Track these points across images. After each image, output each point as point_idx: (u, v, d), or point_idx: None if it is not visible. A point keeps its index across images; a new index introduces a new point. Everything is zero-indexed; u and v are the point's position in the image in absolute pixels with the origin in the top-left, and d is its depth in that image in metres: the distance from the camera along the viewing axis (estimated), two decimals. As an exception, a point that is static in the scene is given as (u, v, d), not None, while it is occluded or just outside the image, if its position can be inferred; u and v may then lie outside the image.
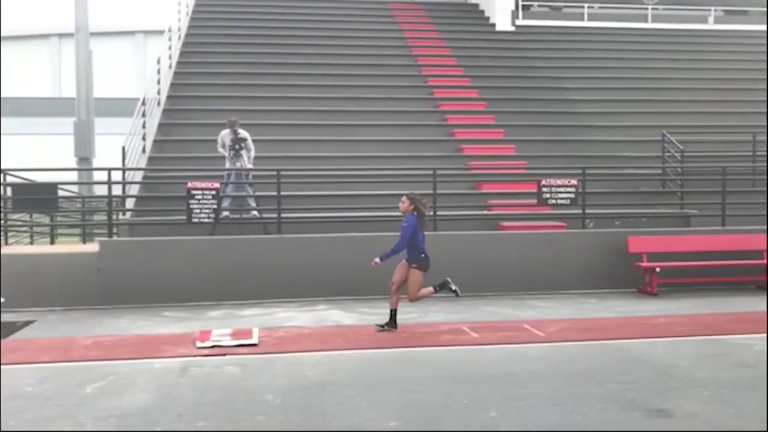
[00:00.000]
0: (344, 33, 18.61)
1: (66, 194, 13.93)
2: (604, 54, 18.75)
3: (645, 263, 10.84)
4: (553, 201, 11.33)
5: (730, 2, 21.40)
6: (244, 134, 11.54)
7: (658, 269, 10.68)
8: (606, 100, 16.49)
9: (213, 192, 10.53)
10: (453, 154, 13.95)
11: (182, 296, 10.11)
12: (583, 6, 20.60)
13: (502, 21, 19.92)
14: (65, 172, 17.74)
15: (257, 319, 8.93)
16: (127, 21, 38.18)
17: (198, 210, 10.47)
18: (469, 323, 8.48)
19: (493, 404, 5.40)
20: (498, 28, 19.84)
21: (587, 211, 11.63)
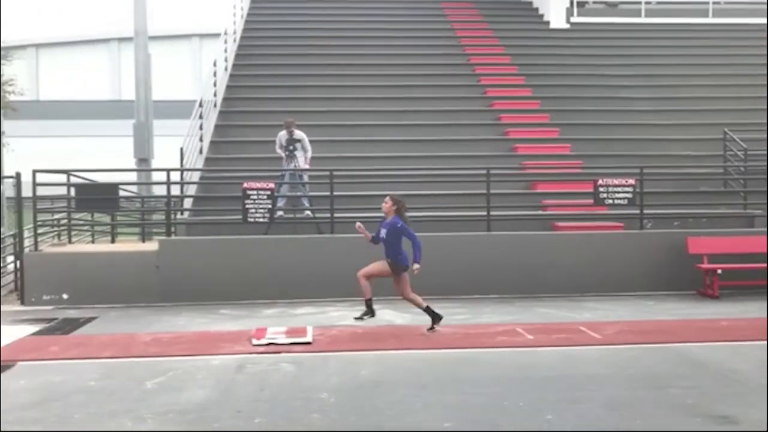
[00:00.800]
0: (397, 33, 18.63)
1: (126, 194, 14.29)
2: (662, 50, 18.28)
3: (706, 265, 10.53)
4: (610, 201, 11.10)
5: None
6: (300, 135, 11.64)
7: (720, 271, 10.36)
8: (664, 98, 16.08)
9: (268, 192, 10.66)
10: (507, 154, 13.81)
11: (238, 294, 10.26)
12: (641, 1, 20.13)
13: (557, 18, 19.64)
14: (125, 173, 18.21)
15: (311, 318, 9.00)
16: (183, 25, 39.04)
17: (253, 210, 10.62)
18: (524, 325, 8.38)
19: (550, 407, 5.33)
20: (552, 26, 19.57)
21: (645, 212, 11.36)
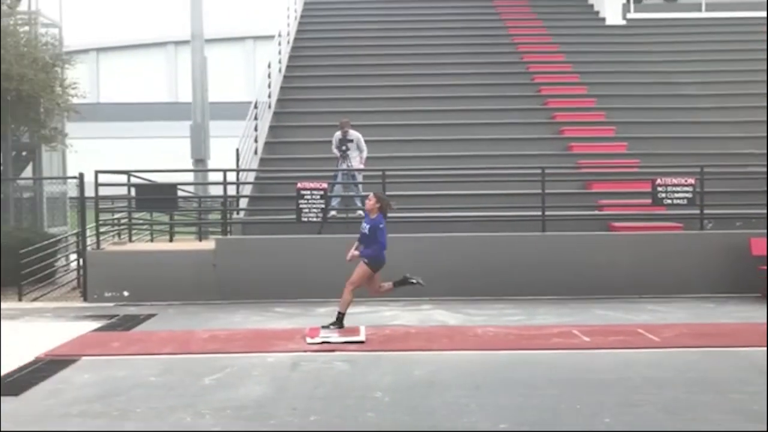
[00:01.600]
0: (450, 32, 18.58)
1: (183, 194, 14.61)
2: (723, 46, 17.78)
3: (770, 267, 10.18)
4: (669, 201, 10.84)
5: None
6: (354, 135, 11.70)
7: (785, 273, 10.01)
8: (725, 95, 15.61)
9: (321, 192, 10.76)
10: (562, 153, 13.63)
11: (291, 293, 10.39)
12: (701, -5, 19.63)
13: (613, 15, 19.29)
14: (182, 173, 18.60)
15: (363, 317, 9.04)
16: (238, 27, 39.68)
17: (307, 209, 10.74)
18: (580, 326, 8.25)
19: (607, 410, 5.23)
20: (608, 23, 19.22)
21: (706, 212, 11.06)
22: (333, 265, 10.47)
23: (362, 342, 7.43)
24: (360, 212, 11.61)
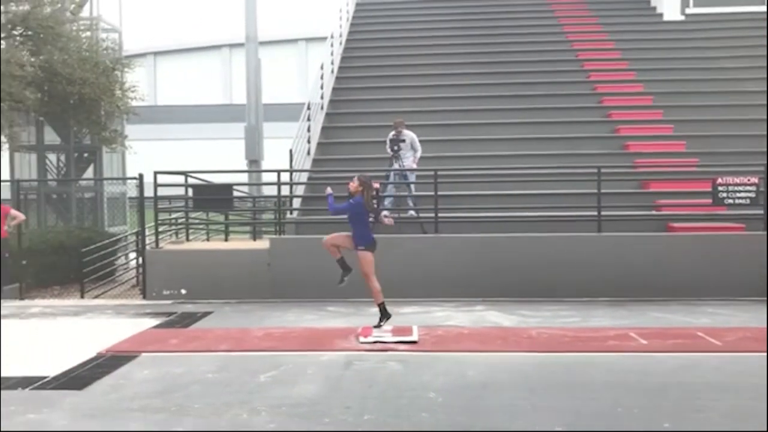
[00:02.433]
0: (502, 30, 18.44)
1: (237, 194, 14.85)
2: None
3: (839, 270, 9.78)
4: (731, 201, 10.51)
5: None
6: (406, 135, 11.68)
7: None
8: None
9: (373, 192, 10.75)
10: (618, 152, 13.36)
11: (344, 292, 10.38)
12: (764, -12, 18.96)
13: (671, 10, 18.82)
14: (237, 174, 18.91)
15: (416, 317, 9.03)
16: (290, 30, 40.14)
17: (359, 209, 10.75)
18: (637, 329, 8.07)
19: (667, 415, 5.11)
20: (666, 18, 18.76)
21: (770, 212, 10.68)
22: (384, 265, 10.51)
23: (415, 342, 7.42)
24: (412, 212, 11.62)
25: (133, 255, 14.70)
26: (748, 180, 10.48)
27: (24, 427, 5.03)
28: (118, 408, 5.46)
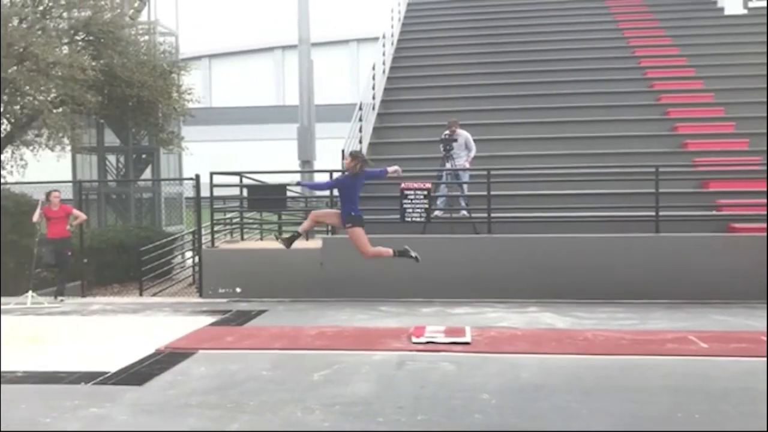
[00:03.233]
0: (555, 28, 18.18)
1: (290, 194, 15.02)
2: None
3: None
4: (796, 200, 10.15)
5: None
6: (460, 135, 11.61)
7: None
8: None
9: (425, 192, 10.78)
10: (676, 150, 13.03)
11: (396, 292, 10.47)
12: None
13: (732, 4, 18.23)
14: (289, 174, 19.13)
15: (468, 318, 8.98)
16: (342, 31, 40.40)
17: (410, 209, 10.78)
18: (697, 332, 7.85)
19: (729, 420, 4.96)
20: (727, 12, 18.20)
21: (839, 212, 10.27)
22: (437, 265, 10.51)
23: (468, 343, 7.37)
24: (464, 212, 11.56)
25: (190, 254, 15.02)
26: (815, 179, 10.09)
27: (86, 421, 5.18)
28: (176, 404, 5.57)
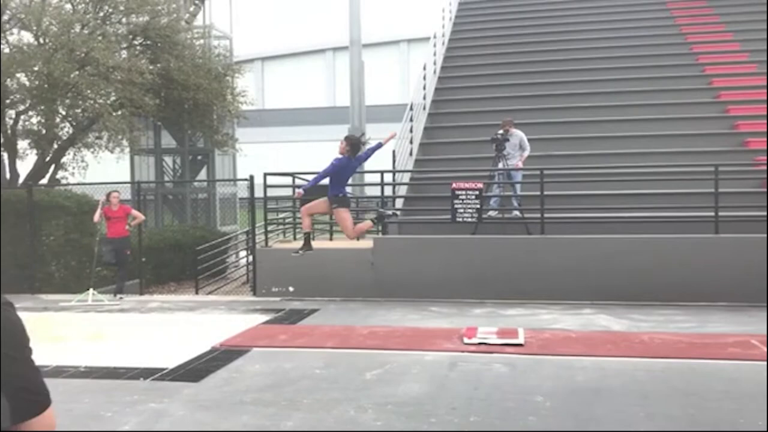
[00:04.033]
0: (609, 24, 17.84)
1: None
2: None
3: None
4: None
5: None
6: (515, 134, 11.47)
7: None
8: None
9: (476, 192, 10.71)
10: (736, 149, 12.64)
11: (447, 293, 10.43)
12: None
13: (797, -3, 17.57)
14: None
15: (521, 320, 8.89)
16: (392, 31, 40.49)
17: (462, 209, 10.73)
18: (759, 336, 7.60)
19: (796, 429, 4.78)
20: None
21: None
22: (489, 266, 10.45)
23: (521, 345, 7.30)
24: (516, 213, 11.44)
25: (243, 253, 15.26)
26: None
27: (146, 416, 5.31)
28: (232, 400, 5.67)
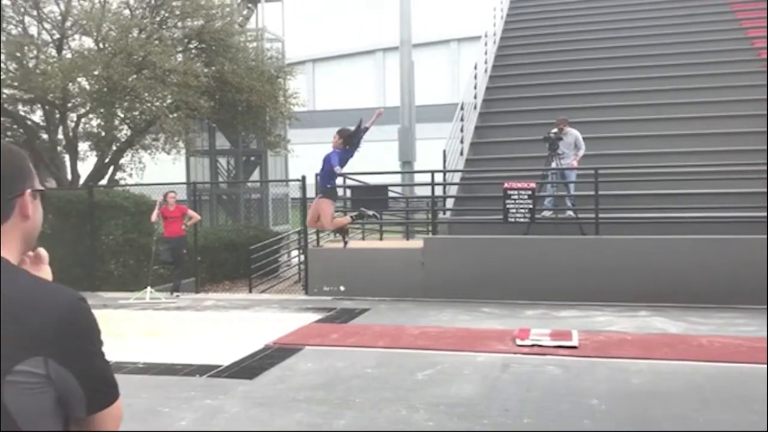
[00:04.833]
0: (666, 21, 17.41)
1: (391, 195, 15.16)
2: None
3: None
4: None
5: None
6: (570, 133, 11.33)
7: None
8: None
9: (529, 192, 10.59)
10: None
11: (498, 293, 10.35)
12: None
13: None
14: (389, 175, 19.30)
15: (575, 321, 8.76)
16: (442, 31, 40.34)
17: (514, 209, 10.62)
18: (826, 341, 7.32)
19: None
20: None
21: None
22: (541, 267, 10.32)
23: (575, 347, 7.19)
24: (570, 213, 11.28)
25: (295, 253, 15.44)
26: None
27: (202, 412, 5.42)
28: (285, 398, 5.74)
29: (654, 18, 17.73)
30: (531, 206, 10.59)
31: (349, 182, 12.67)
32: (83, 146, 15.96)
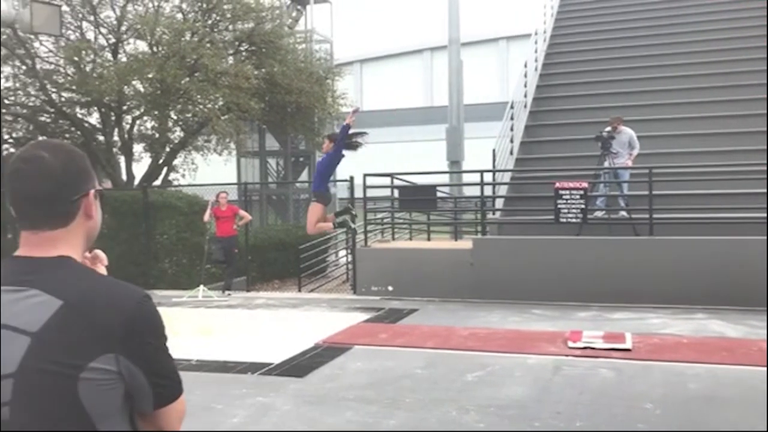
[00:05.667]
0: (722, 15, 16.91)
1: (439, 195, 15.11)
2: None
3: None
4: None
5: None
6: (624, 132, 11.11)
7: None
8: None
9: (581, 192, 10.42)
10: None
11: (549, 295, 10.20)
12: None
13: None
14: (437, 175, 19.23)
15: (628, 324, 8.58)
16: (490, 29, 40.04)
17: (565, 210, 10.46)
18: None
19: None
20: None
21: None
22: (594, 269, 10.15)
23: (628, 350, 7.05)
24: (623, 213, 11.06)
25: (343, 252, 15.52)
26: None
27: (254, 409, 5.49)
28: (335, 397, 5.77)
29: (711, 12, 17.25)
30: (583, 206, 10.41)
31: (397, 182, 12.68)
32: (138, 148, 16.35)
